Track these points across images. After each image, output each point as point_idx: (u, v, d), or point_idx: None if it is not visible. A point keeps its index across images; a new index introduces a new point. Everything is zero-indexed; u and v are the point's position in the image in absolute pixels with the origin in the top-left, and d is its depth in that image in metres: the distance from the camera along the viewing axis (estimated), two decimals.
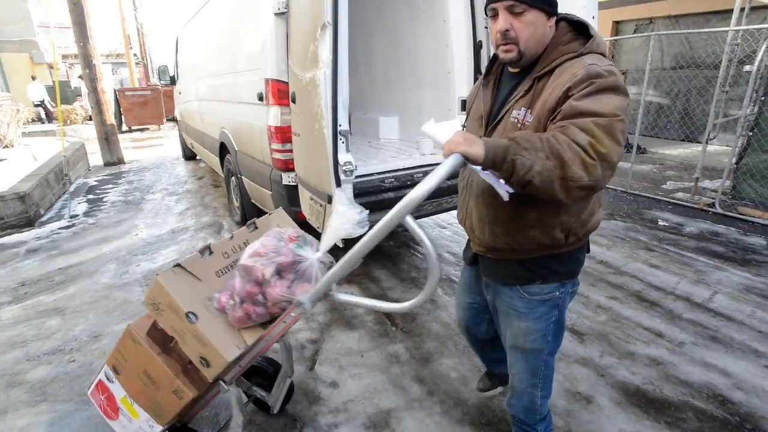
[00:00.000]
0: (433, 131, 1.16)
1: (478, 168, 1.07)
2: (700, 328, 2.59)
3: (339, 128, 2.04)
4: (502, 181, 1.08)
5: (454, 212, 4.68)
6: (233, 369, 1.50)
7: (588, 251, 1.44)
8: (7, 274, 3.54)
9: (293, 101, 2.53)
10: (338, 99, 1.99)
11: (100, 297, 3.12)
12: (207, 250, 1.57)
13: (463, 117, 3.63)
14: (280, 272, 1.39)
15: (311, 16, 2.08)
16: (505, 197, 1.08)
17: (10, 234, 4.45)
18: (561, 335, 1.49)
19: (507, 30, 1.17)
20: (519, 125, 1.19)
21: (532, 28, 1.17)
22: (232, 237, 1.64)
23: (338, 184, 2.13)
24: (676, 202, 4.86)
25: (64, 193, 6.04)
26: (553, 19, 1.20)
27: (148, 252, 3.91)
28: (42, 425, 1.97)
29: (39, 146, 7.84)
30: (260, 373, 1.93)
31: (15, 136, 7.62)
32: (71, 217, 5.02)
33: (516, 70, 1.28)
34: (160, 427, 1.55)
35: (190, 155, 8.13)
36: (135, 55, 19.45)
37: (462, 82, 3.58)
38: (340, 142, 2.08)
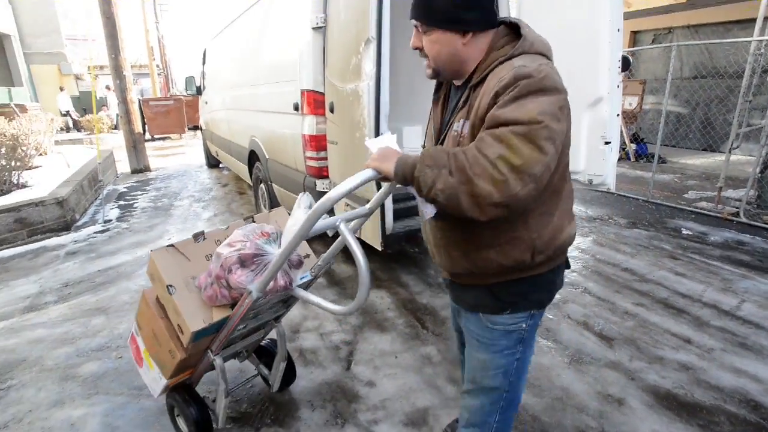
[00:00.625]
0: (371, 145, 1.18)
1: (404, 186, 1.08)
2: (729, 335, 2.61)
3: None
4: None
5: None
6: (217, 340, 1.67)
7: (568, 267, 1.32)
8: (51, 275, 3.71)
9: (331, 111, 2.66)
10: (380, 109, 2.10)
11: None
12: (201, 235, 1.76)
13: None
14: (243, 262, 1.53)
15: (354, 30, 2.21)
16: (425, 216, 1.08)
17: (49, 237, 4.64)
18: (523, 379, 1.32)
19: (418, 48, 1.17)
20: (459, 138, 1.13)
21: (438, 46, 1.13)
22: (227, 227, 1.79)
23: (378, 189, 2.23)
24: (699, 211, 4.86)
25: (96, 198, 6.27)
26: (469, 35, 1.11)
27: None
28: (97, 416, 2.09)
29: (70, 154, 8.13)
30: (269, 354, 2.13)
31: (49, 145, 7.92)
32: (105, 221, 5.21)
33: (459, 82, 1.22)
34: (165, 381, 1.78)
35: (213, 163, 8.34)
36: (158, 66, 20.00)
37: None
38: None
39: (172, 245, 1.69)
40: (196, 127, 13.90)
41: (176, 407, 1.88)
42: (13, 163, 5.32)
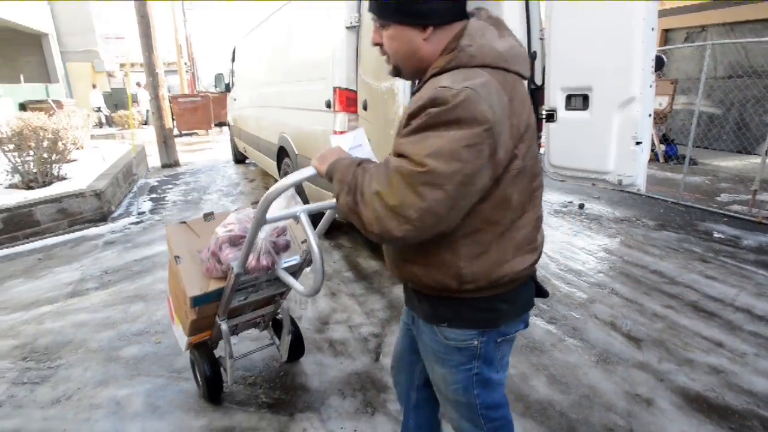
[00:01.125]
0: (333, 141, 1.19)
1: None
2: (763, 340, 2.57)
3: None
4: None
5: None
6: (223, 307, 1.83)
7: (542, 295, 1.23)
8: (91, 263, 3.89)
9: (364, 108, 2.72)
10: None
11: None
12: (210, 215, 1.99)
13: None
14: (233, 242, 1.69)
15: None
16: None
17: (88, 227, 4.86)
18: (494, 389, 1.22)
19: (378, 44, 1.09)
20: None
21: (396, 43, 1.03)
22: (236, 210, 1.92)
23: None
24: (732, 214, 4.75)
25: (130, 191, 6.50)
26: (429, 30, 1.00)
27: None
28: (140, 395, 2.20)
29: (104, 148, 8.44)
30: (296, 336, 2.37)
31: (85, 139, 8.24)
32: (139, 213, 5.42)
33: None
34: (187, 338, 2.00)
35: (240, 159, 8.53)
36: (186, 63, 20.48)
37: None
38: None
39: (184, 222, 1.96)
40: (221, 124, 14.21)
41: (194, 363, 2.13)
42: (53, 157, 5.57)
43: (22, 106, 13.07)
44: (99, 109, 16.54)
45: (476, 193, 0.95)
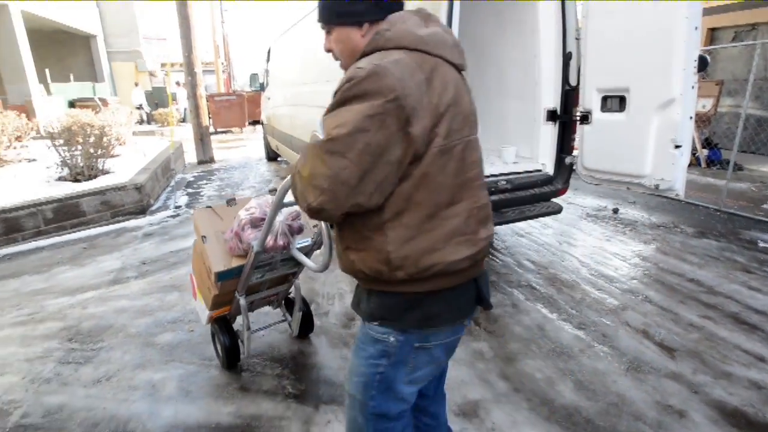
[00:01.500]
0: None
1: None
2: None
3: None
4: None
5: (533, 221, 4.66)
6: (240, 284, 2.02)
7: (486, 306, 1.18)
8: (131, 253, 4.08)
9: None
10: None
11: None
12: (233, 201, 2.18)
13: (549, 127, 3.66)
14: (253, 224, 1.86)
15: None
16: None
17: (128, 219, 5.09)
18: (393, 400, 1.17)
19: (329, 50, 1.17)
20: None
21: (341, 45, 1.13)
22: (257, 196, 2.11)
23: None
24: None
25: (168, 186, 6.77)
26: (366, 27, 1.08)
27: None
28: (174, 379, 2.30)
29: (145, 144, 8.81)
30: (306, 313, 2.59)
31: (127, 135, 8.63)
32: (176, 207, 5.63)
33: None
34: (208, 312, 2.19)
35: (273, 156, 8.73)
36: (222, 63, 21.09)
37: (549, 92, 3.62)
38: None
39: (209, 207, 2.18)
40: (255, 122, 14.55)
41: (215, 334, 2.36)
42: (99, 151, 5.86)
43: (71, 104, 13.80)
44: (140, 107, 17.27)
45: (389, 166, 0.96)
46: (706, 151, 7.27)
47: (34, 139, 8.54)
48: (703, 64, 2.84)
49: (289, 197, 1.41)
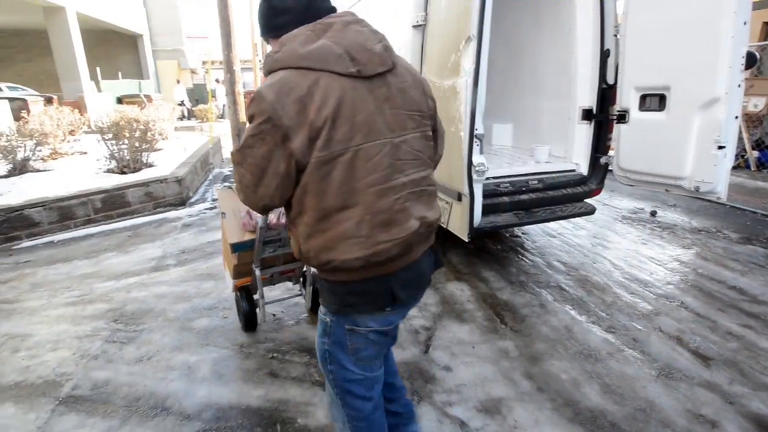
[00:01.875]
0: None
1: None
2: None
3: (475, 132, 2.23)
4: None
5: (564, 222, 4.59)
6: (255, 255, 2.30)
7: (399, 303, 1.23)
8: (171, 242, 4.30)
9: None
10: (477, 105, 2.17)
11: None
12: None
13: (584, 126, 3.59)
14: None
15: (455, 29, 2.29)
16: None
17: (169, 210, 5.35)
18: (351, 378, 1.30)
19: None
20: None
21: None
22: None
23: (470, 183, 2.31)
24: None
25: (206, 179, 7.04)
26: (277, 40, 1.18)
27: None
28: (208, 362, 2.43)
29: (185, 139, 9.19)
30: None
31: (170, 130, 9.02)
32: (213, 200, 5.86)
33: None
34: (232, 281, 2.56)
35: None
36: (260, 61, 21.62)
37: (585, 91, 3.54)
38: (475, 145, 2.26)
39: (230, 186, 2.54)
40: None
41: (238, 301, 2.70)
42: (143, 146, 6.17)
43: (119, 100, 14.53)
44: (182, 103, 17.96)
45: (278, 176, 1.09)
46: (756, 153, 6.88)
47: (85, 133, 9.06)
48: (751, 61, 2.71)
49: None
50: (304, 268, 2.72)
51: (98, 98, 13.28)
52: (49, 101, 11.20)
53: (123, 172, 5.83)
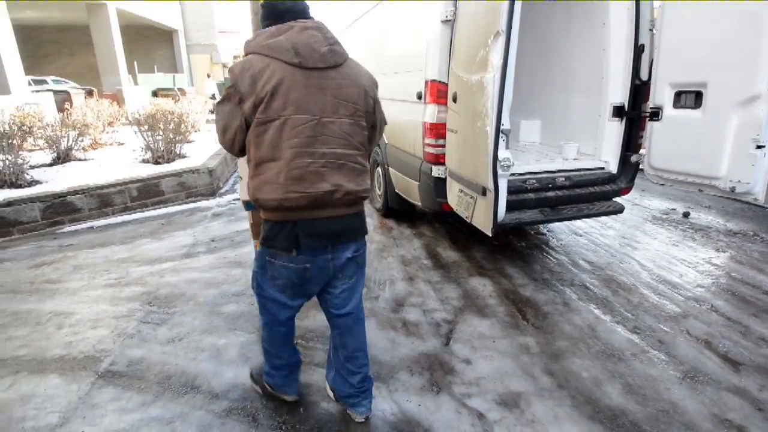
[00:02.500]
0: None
1: None
2: None
3: (501, 127, 2.23)
4: None
5: (590, 221, 4.52)
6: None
7: (296, 247, 1.57)
8: (202, 230, 4.46)
9: (454, 101, 2.79)
10: (503, 100, 2.18)
11: None
12: None
13: (615, 123, 3.51)
14: None
15: (484, 24, 2.30)
16: None
17: (200, 200, 5.53)
18: (267, 299, 1.76)
19: None
20: None
21: None
22: None
23: (495, 178, 2.32)
24: None
25: (235, 171, 7.23)
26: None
27: None
28: (236, 346, 2.53)
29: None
30: None
31: (202, 123, 9.29)
32: None
33: None
34: (254, 240, 2.63)
35: None
36: None
37: (617, 87, 3.46)
38: (501, 140, 2.27)
39: None
40: None
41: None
42: (177, 137, 6.39)
43: (154, 93, 15.02)
44: (213, 96, 18.41)
45: (236, 128, 1.52)
46: None
47: (123, 124, 9.43)
48: None
49: None
50: None
51: (135, 91, 13.77)
52: (89, 94, 11.70)
53: (157, 163, 6.06)
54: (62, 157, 6.23)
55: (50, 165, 6.05)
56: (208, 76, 19.73)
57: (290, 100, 1.45)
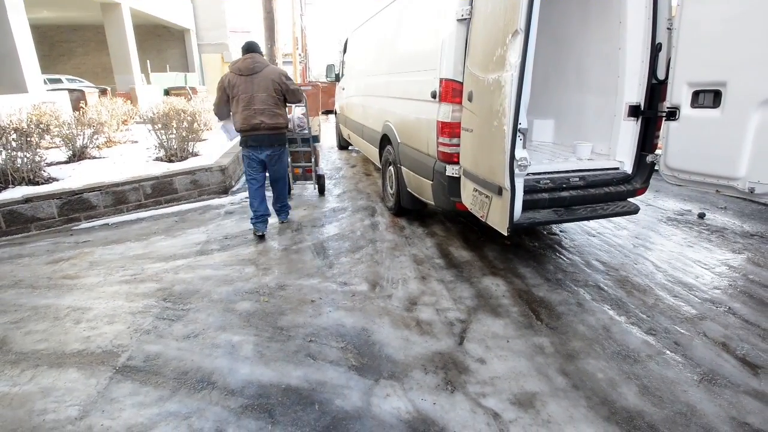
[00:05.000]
0: None
1: None
2: None
3: (519, 126, 2.22)
4: None
5: (605, 221, 4.47)
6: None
7: (249, 146, 3.99)
8: (215, 228, 4.49)
9: (469, 100, 2.78)
10: (521, 99, 2.17)
11: (281, 256, 3.79)
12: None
13: (631, 123, 3.47)
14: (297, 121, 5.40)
15: (502, 22, 2.29)
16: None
17: (213, 198, 5.58)
18: (248, 173, 4.12)
19: None
20: None
21: None
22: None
23: (512, 177, 2.31)
24: None
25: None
26: None
27: (315, 225, 4.58)
28: (249, 344, 2.55)
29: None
30: (319, 178, 5.63)
31: (213, 121, 9.34)
32: None
33: None
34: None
35: (344, 145, 9.02)
36: (300, 54, 21.98)
37: (633, 87, 3.43)
38: (518, 139, 2.26)
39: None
40: (328, 111, 15.04)
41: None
42: (190, 136, 6.45)
43: (166, 92, 15.15)
44: None
45: (224, 99, 3.96)
46: None
47: (136, 123, 9.53)
48: None
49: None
50: (316, 170, 5.51)
51: (148, 90, 13.91)
52: (103, 93, 11.84)
53: (171, 161, 6.12)
54: (78, 155, 6.32)
55: (66, 162, 6.14)
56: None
57: (239, 88, 3.81)
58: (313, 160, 5.39)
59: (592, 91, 3.88)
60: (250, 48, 3.88)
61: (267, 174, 4.19)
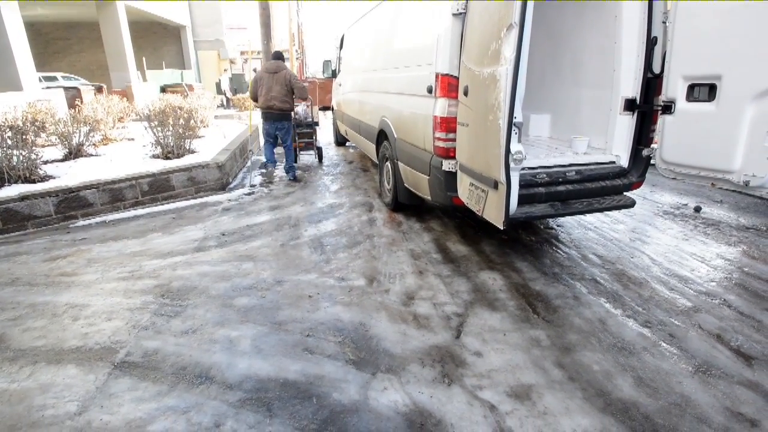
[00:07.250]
0: None
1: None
2: None
3: (513, 120, 2.23)
4: None
5: (601, 215, 4.49)
6: (294, 133, 6.78)
7: (266, 120, 6.10)
8: (212, 225, 4.50)
9: (465, 94, 2.78)
10: (516, 93, 2.17)
11: (279, 252, 3.79)
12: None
13: (626, 117, 3.48)
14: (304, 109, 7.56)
15: (497, 17, 2.29)
16: None
17: (210, 195, 5.57)
18: (265, 134, 6.26)
19: None
20: None
21: None
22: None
23: (507, 171, 2.32)
24: None
25: (244, 166, 7.27)
26: None
27: (312, 221, 4.59)
28: (248, 338, 2.56)
29: (225, 127, 9.47)
30: (318, 150, 7.61)
31: (210, 118, 9.33)
32: (251, 186, 6.06)
33: None
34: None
35: (341, 141, 9.02)
36: (296, 50, 21.89)
37: (628, 81, 3.44)
38: (513, 133, 2.26)
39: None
40: (325, 108, 15.02)
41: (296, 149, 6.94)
42: (187, 133, 6.43)
43: (162, 89, 15.09)
44: (223, 91, 18.50)
45: (256, 90, 6.00)
46: None
47: (133, 120, 9.50)
48: None
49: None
50: (315, 144, 7.38)
51: (144, 87, 13.85)
52: (99, 90, 11.79)
53: (167, 158, 6.11)
54: (74, 153, 6.30)
55: (62, 160, 6.12)
56: (225, 71, 19.94)
57: (264, 80, 5.89)
58: (314, 138, 7.41)
59: (588, 85, 3.89)
60: (277, 56, 6.14)
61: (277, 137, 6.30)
